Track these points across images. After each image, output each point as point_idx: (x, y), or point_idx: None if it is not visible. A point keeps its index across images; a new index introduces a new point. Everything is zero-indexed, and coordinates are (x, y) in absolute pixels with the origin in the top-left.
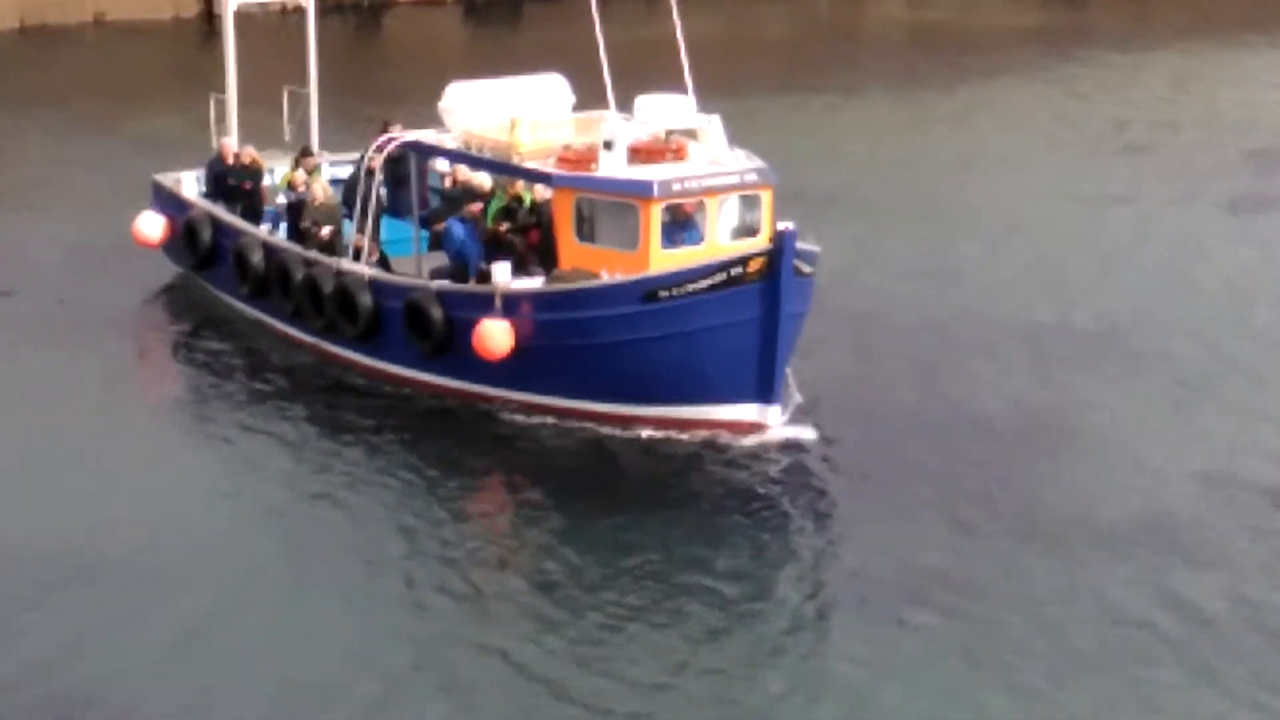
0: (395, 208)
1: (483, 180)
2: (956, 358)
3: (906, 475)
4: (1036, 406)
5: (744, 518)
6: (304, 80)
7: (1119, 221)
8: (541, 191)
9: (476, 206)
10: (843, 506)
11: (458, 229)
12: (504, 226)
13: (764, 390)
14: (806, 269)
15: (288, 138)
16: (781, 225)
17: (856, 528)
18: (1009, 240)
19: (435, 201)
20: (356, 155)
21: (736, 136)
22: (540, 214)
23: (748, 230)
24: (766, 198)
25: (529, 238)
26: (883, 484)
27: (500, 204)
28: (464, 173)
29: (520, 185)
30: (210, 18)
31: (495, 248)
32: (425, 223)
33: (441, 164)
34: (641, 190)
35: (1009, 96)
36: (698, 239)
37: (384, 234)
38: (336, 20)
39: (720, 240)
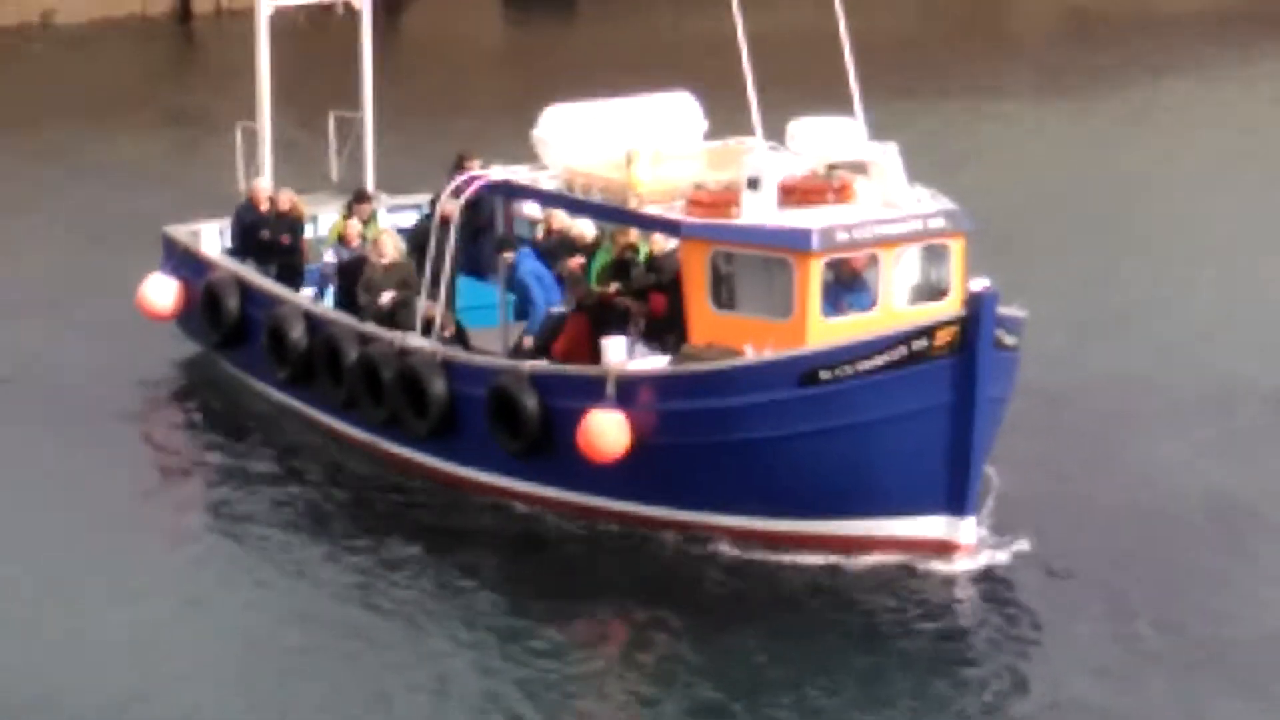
0: (474, 265)
1: (585, 228)
2: (1151, 434)
3: (1130, 607)
4: (1240, 500)
5: (929, 671)
6: (352, 102)
7: None
8: (663, 242)
9: (576, 262)
10: (1056, 661)
11: (530, 262)
12: (613, 288)
13: (956, 498)
14: (1010, 341)
15: (335, 177)
16: (976, 284)
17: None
18: (1197, 277)
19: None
20: (420, 199)
21: None
22: (661, 271)
23: (932, 291)
24: (957, 249)
25: (650, 303)
26: (1108, 630)
27: (608, 258)
28: (562, 219)
29: (635, 234)
30: (186, 16)
31: (604, 317)
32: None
33: (532, 208)
34: (798, 242)
35: (1190, 99)
36: (868, 303)
37: (460, 299)
38: (339, 18)
39: (897, 304)
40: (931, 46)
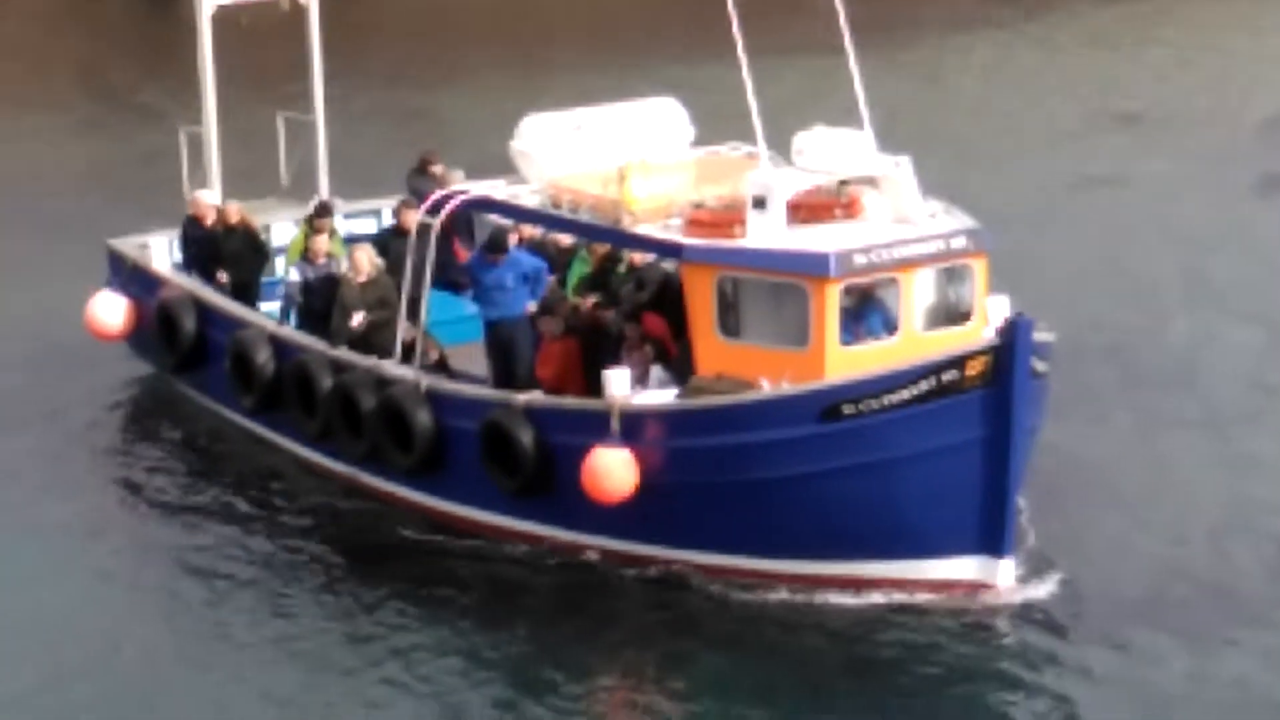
0: (443, 276)
1: (559, 236)
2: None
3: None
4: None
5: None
6: (302, 104)
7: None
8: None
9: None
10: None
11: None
12: (590, 301)
13: (990, 538)
14: (1042, 368)
15: (285, 182)
16: (997, 304)
17: None
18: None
19: None
20: (376, 204)
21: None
22: (645, 285)
23: (952, 314)
24: (980, 269)
25: (644, 325)
26: (1151, 675)
27: (585, 269)
28: (530, 227)
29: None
30: None
31: (596, 342)
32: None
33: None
34: (814, 266)
35: (978, 54)
36: (887, 329)
37: (431, 313)
38: (283, 14)
39: (917, 329)
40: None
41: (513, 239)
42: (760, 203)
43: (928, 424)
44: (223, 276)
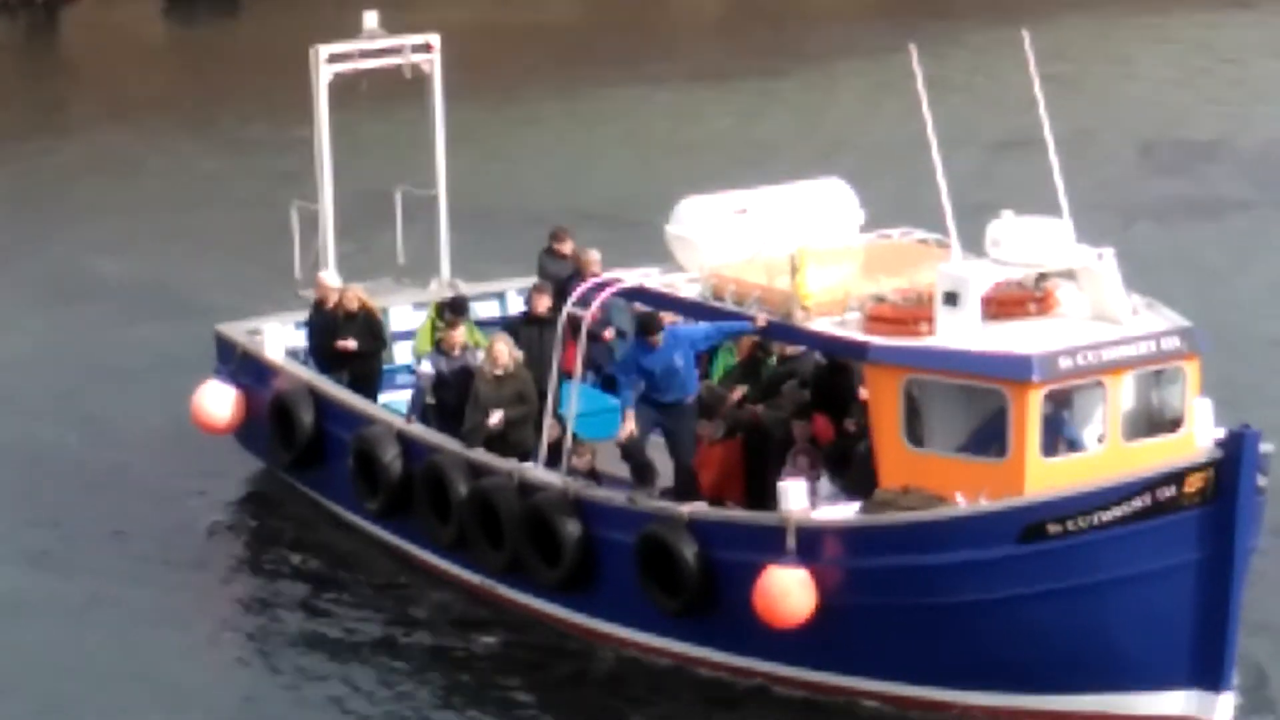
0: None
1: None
2: None
3: None
4: None
5: None
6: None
7: None
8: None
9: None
10: None
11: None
12: (738, 393)
13: (1209, 670)
14: (1263, 483)
15: (298, 274)
16: (1204, 410)
17: None
18: None
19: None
20: (498, 286)
21: (510, 145)
22: (803, 378)
23: (1158, 422)
24: (1193, 373)
25: (813, 427)
26: None
27: (732, 359)
28: None
29: None
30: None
31: (759, 444)
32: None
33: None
34: (1015, 370)
35: (850, 84)
36: (1089, 438)
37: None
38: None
39: (1122, 439)
40: (596, 36)
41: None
42: (952, 298)
43: (1141, 545)
44: (349, 344)
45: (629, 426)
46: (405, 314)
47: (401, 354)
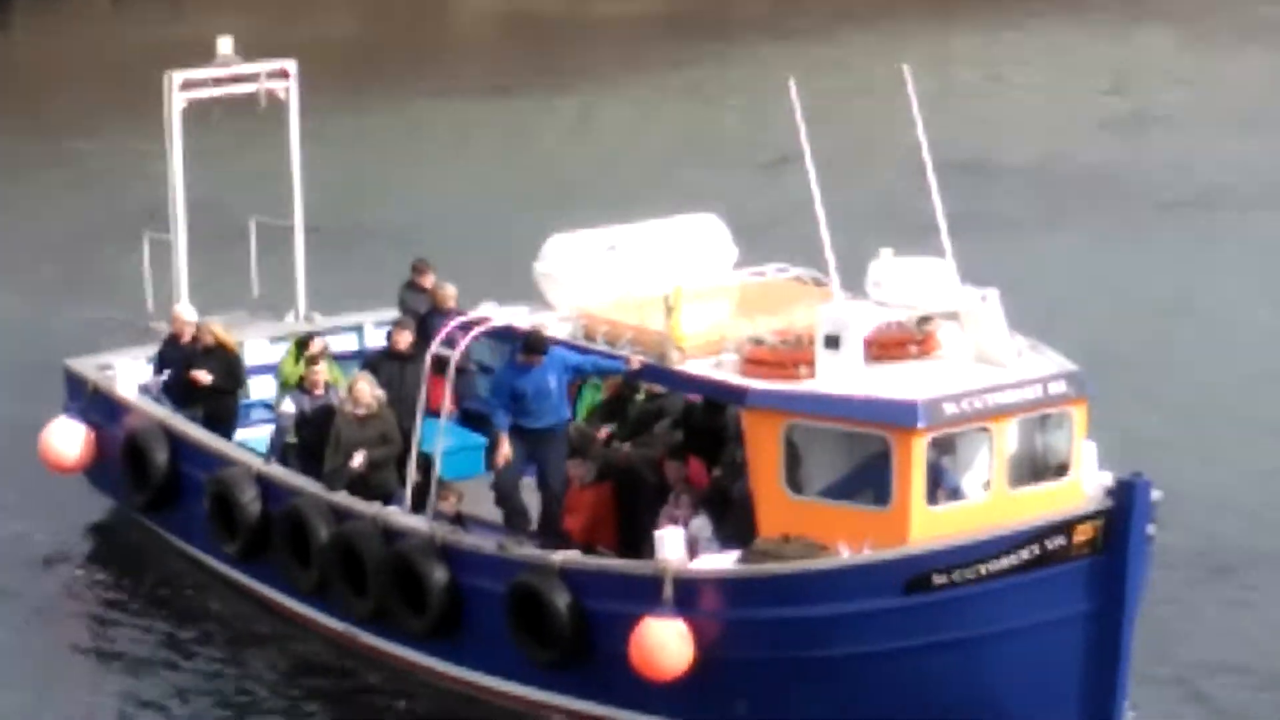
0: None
1: None
2: None
3: None
4: None
5: None
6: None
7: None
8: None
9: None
10: None
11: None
12: (603, 432)
13: None
14: (1152, 531)
15: (150, 307)
16: (1090, 458)
17: None
18: None
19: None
20: (355, 319)
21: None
22: (664, 413)
23: (1045, 469)
24: (1080, 418)
25: (686, 467)
26: None
27: (597, 396)
28: None
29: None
30: None
31: (632, 487)
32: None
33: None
34: (899, 416)
35: (631, 101)
36: (974, 486)
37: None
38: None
39: (1009, 487)
40: (378, 48)
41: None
42: (833, 341)
43: (1028, 596)
44: (204, 378)
45: (504, 451)
46: (261, 348)
47: (257, 389)
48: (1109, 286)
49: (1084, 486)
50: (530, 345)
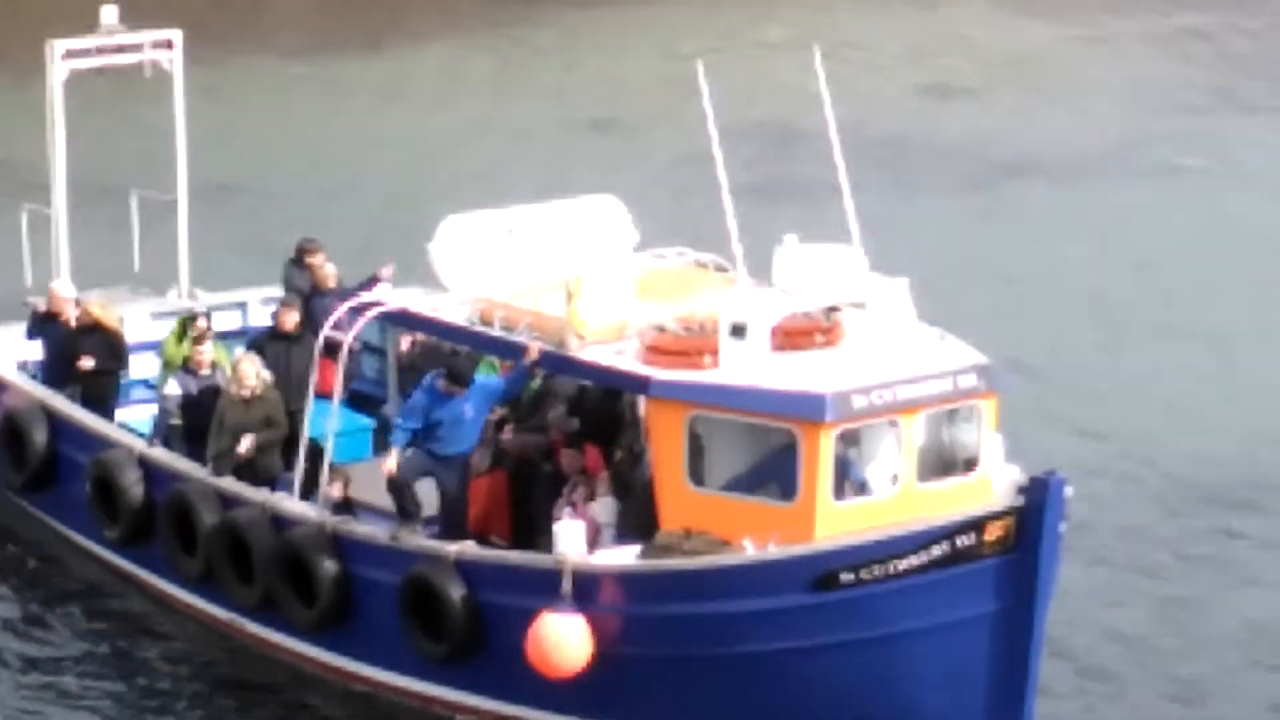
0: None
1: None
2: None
3: None
4: None
5: None
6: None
7: None
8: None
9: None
10: None
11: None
12: (498, 414)
13: None
14: (1063, 529)
15: (29, 282)
16: (993, 448)
17: None
18: None
19: (374, 371)
20: (240, 296)
21: None
22: (556, 398)
23: (953, 463)
24: (989, 411)
25: (584, 456)
26: None
27: (493, 374)
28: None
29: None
30: None
31: (526, 475)
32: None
33: None
34: (806, 409)
35: (447, 62)
36: (881, 480)
37: (315, 427)
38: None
39: (917, 482)
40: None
41: (404, 342)
42: (739, 330)
43: (938, 595)
44: (87, 363)
45: (390, 464)
46: (143, 325)
47: (138, 367)
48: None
49: (993, 481)
50: (454, 375)
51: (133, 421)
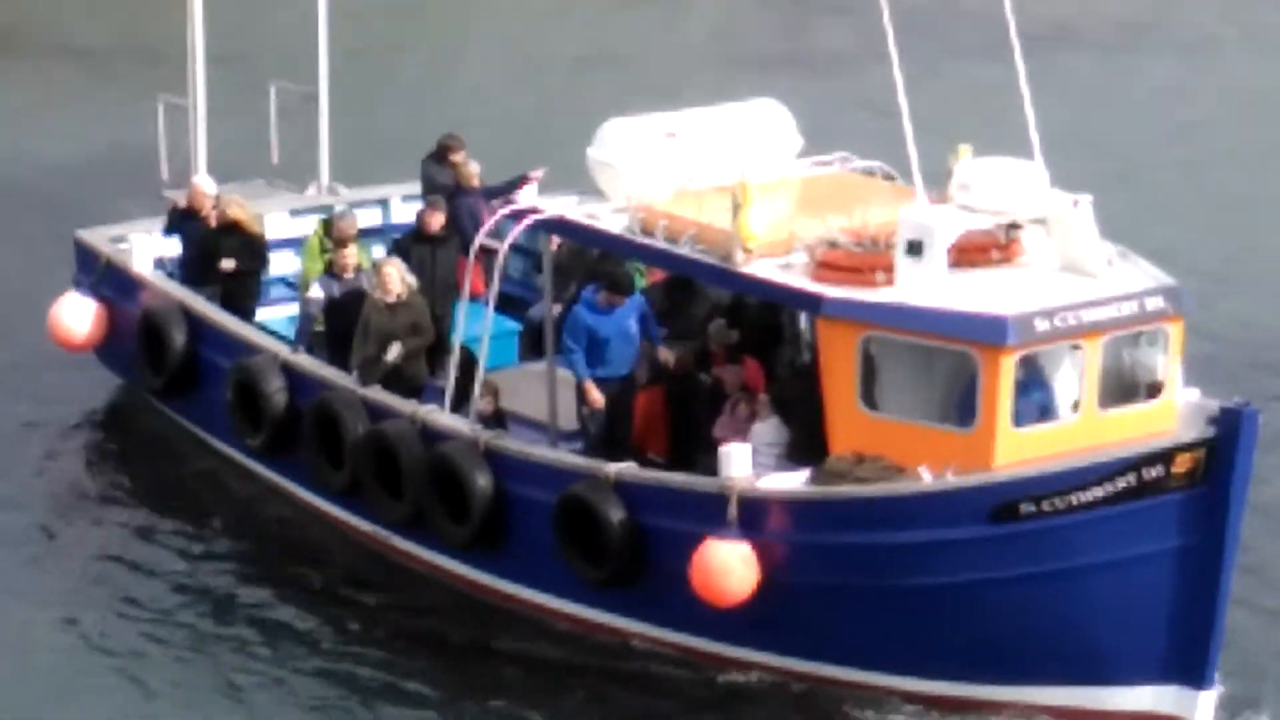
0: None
1: None
2: None
3: None
4: None
5: None
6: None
7: None
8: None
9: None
10: None
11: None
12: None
13: (1189, 665)
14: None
15: (165, 175)
16: (1186, 387)
17: None
18: None
19: (519, 273)
20: (381, 192)
21: None
22: (730, 316)
23: (1136, 389)
24: (1176, 336)
25: (745, 372)
26: None
27: (642, 281)
28: None
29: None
30: None
31: (686, 393)
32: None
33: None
34: (987, 332)
35: None
36: (1063, 405)
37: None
38: None
39: (1099, 408)
40: None
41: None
42: (916, 248)
43: (1122, 528)
44: (228, 264)
45: (594, 397)
46: (282, 221)
47: (278, 265)
48: None
49: (1178, 408)
50: (615, 284)
51: (271, 321)
